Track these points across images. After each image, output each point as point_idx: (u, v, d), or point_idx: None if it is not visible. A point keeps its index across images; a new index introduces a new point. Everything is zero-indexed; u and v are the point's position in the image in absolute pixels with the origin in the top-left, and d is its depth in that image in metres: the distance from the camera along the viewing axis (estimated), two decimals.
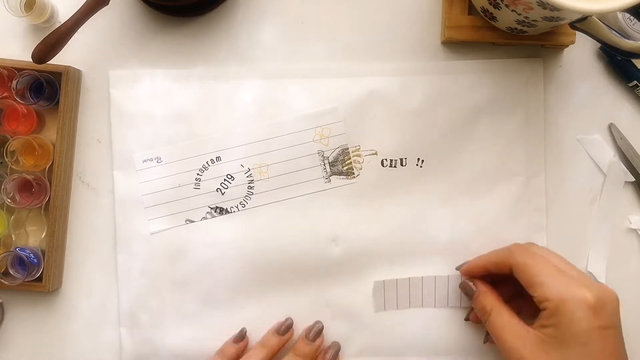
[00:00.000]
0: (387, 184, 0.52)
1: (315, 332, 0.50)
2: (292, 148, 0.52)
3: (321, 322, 0.51)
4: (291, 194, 0.52)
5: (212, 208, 0.52)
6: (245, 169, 0.52)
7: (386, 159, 0.52)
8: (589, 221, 0.53)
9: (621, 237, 0.53)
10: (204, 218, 0.52)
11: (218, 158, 0.52)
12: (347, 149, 0.52)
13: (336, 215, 0.52)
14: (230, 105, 0.52)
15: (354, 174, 0.52)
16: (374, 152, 0.52)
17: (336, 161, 0.52)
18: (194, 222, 0.52)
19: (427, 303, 0.52)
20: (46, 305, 0.52)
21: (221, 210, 0.52)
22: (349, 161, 0.52)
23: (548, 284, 0.43)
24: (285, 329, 0.50)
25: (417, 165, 0.52)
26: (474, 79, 0.52)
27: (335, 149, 0.52)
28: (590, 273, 0.53)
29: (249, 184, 0.52)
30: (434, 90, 0.52)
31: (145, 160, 0.52)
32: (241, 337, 0.50)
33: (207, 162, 0.52)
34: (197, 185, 0.52)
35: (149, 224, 0.52)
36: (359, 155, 0.52)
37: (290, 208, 0.52)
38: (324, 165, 0.52)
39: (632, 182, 0.53)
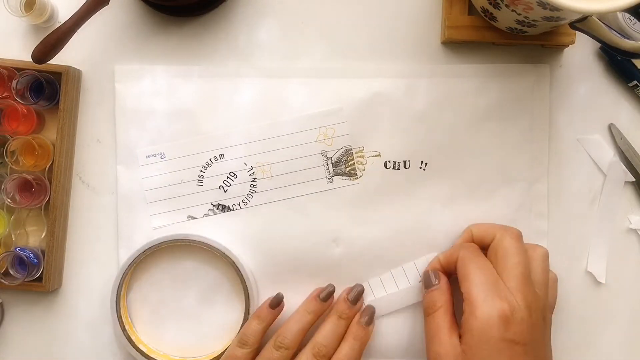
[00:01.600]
0: (389, 186, 0.52)
1: (355, 295, 0.49)
2: (296, 147, 0.52)
3: (361, 285, 0.50)
4: (293, 194, 0.52)
5: (214, 205, 0.52)
6: (249, 167, 0.52)
7: (389, 161, 0.52)
8: (589, 221, 0.53)
9: (621, 237, 0.53)
10: (206, 215, 0.52)
11: (221, 155, 0.52)
12: (351, 149, 0.52)
13: (338, 216, 0.52)
14: (234, 103, 0.52)
15: (356, 175, 0.52)
16: (377, 153, 0.52)
17: (339, 162, 0.52)
18: (196, 218, 0.52)
19: (406, 301, 0.52)
20: (46, 305, 0.52)
21: (223, 208, 0.52)
22: (352, 162, 0.52)
23: (475, 283, 0.44)
24: (326, 295, 0.49)
25: (420, 168, 0.52)
26: (479, 83, 0.52)
27: (339, 149, 0.52)
28: (590, 273, 0.53)
29: (252, 182, 0.52)
30: (440, 94, 0.52)
31: (148, 156, 0.52)
32: (277, 302, 0.49)
33: (210, 159, 0.52)
34: (199, 182, 0.52)
35: (151, 219, 0.52)
36: (362, 157, 0.52)
37: (292, 207, 0.52)
38: (327, 165, 0.52)
39: (632, 182, 0.53)
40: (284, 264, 0.52)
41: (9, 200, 0.49)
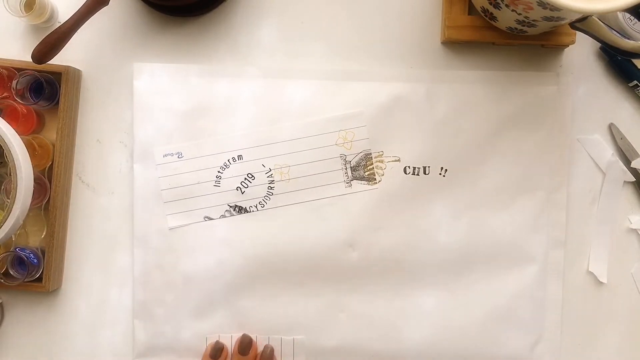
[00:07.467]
0: (408, 192, 0.51)
1: (243, 346, 0.50)
2: (315, 150, 0.51)
3: (248, 336, 0.50)
4: (311, 197, 0.51)
5: (231, 206, 0.52)
6: (267, 169, 0.51)
7: (409, 167, 0.52)
8: (589, 221, 0.53)
9: (621, 237, 0.53)
10: (223, 216, 0.52)
11: (240, 157, 0.51)
12: (370, 154, 0.52)
13: (355, 220, 0.51)
14: (253, 104, 0.51)
15: (375, 179, 0.52)
16: (397, 158, 0.52)
17: (358, 166, 0.52)
18: (213, 219, 0.52)
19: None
20: (46, 305, 0.52)
21: (240, 209, 0.52)
22: (371, 166, 0.52)
23: None
24: (215, 352, 0.50)
25: (440, 174, 0.51)
26: (500, 91, 0.51)
27: (358, 153, 0.51)
28: (592, 273, 0.53)
29: (270, 185, 0.52)
30: (460, 100, 0.51)
31: (166, 155, 0.51)
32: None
33: (228, 160, 0.51)
34: (217, 183, 0.52)
35: (168, 219, 0.51)
36: (381, 161, 0.52)
37: (309, 210, 0.51)
38: (346, 169, 0.51)
39: (632, 182, 0.53)
40: (299, 267, 0.51)
41: (9, 200, 0.49)
